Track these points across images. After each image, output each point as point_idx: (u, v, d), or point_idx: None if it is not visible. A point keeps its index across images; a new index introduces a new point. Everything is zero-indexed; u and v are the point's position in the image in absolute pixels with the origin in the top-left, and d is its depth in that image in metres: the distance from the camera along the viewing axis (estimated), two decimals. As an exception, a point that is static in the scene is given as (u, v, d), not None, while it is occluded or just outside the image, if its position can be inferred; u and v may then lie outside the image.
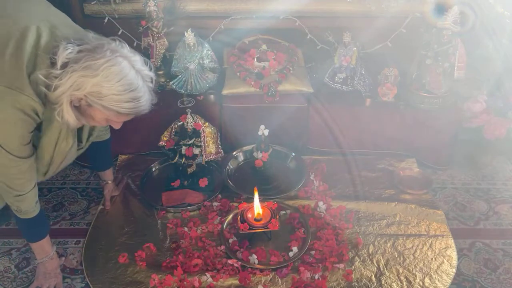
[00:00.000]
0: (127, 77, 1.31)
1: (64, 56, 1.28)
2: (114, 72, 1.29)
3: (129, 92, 1.32)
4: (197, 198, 2.07)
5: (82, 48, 1.31)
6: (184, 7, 2.41)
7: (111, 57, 1.30)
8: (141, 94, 1.35)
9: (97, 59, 1.28)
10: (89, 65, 1.27)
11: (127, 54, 1.36)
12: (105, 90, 1.29)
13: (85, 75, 1.27)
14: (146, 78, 1.39)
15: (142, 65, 1.39)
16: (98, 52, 1.30)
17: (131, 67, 1.34)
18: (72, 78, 1.27)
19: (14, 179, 1.48)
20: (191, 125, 2.09)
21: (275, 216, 1.85)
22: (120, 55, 1.33)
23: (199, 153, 2.13)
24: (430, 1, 2.31)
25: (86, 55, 1.28)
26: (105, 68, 1.27)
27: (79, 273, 1.79)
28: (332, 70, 2.37)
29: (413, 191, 2.12)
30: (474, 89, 2.33)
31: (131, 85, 1.32)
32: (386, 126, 2.29)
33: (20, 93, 1.30)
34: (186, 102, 2.31)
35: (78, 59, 1.28)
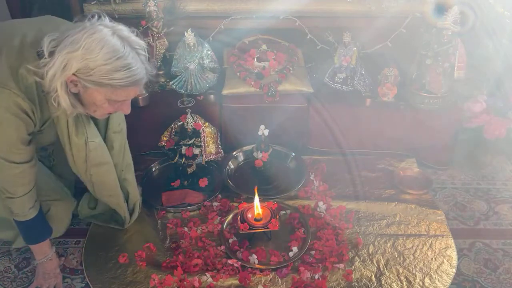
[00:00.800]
0: (110, 44, 1.26)
1: (49, 44, 1.26)
2: (95, 41, 1.24)
3: (116, 60, 1.27)
4: (197, 198, 2.07)
5: (65, 31, 1.28)
6: (184, 7, 2.41)
7: (90, 27, 1.26)
8: (130, 61, 1.29)
9: (77, 32, 1.25)
10: (71, 40, 1.24)
11: (108, 23, 1.30)
12: (91, 63, 1.25)
13: (69, 52, 1.24)
14: (135, 45, 1.32)
15: (128, 32, 1.33)
16: (79, 26, 1.27)
17: (113, 33, 1.28)
18: (59, 59, 1.24)
19: (4, 182, 1.47)
20: (191, 125, 2.09)
21: (275, 216, 1.85)
22: (100, 23, 1.28)
23: (199, 153, 2.13)
24: (430, 1, 2.31)
25: (69, 33, 1.26)
26: (85, 39, 1.23)
27: (79, 273, 1.79)
28: (332, 70, 2.37)
29: (413, 191, 2.12)
30: (474, 89, 2.33)
31: (116, 52, 1.26)
32: (386, 126, 2.29)
33: (1, 88, 1.29)
34: (186, 102, 2.31)
35: (62, 39, 1.26)
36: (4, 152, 1.39)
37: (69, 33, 1.27)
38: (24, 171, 1.46)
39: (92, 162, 1.62)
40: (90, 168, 1.63)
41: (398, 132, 2.30)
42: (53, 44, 1.27)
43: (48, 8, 2.65)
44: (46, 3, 2.65)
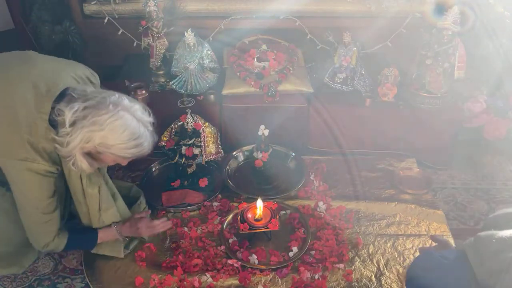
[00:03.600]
0: (130, 128, 1.43)
1: (71, 115, 1.38)
2: (118, 125, 1.41)
3: (133, 141, 1.44)
4: (197, 198, 2.07)
5: (87, 105, 1.40)
6: (184, 7, 2.41)
7: (114, 111, 1.40)
8: (143, 140, 1.48)
9: (102, 114, 1.39)
10: (95, 120, 1.38)
11: (127, 105, 1.45)
12: (112, 141, 1.42)
13: (93, 130, 1.39)
14: (147, 124, 1.50)
15: (142, 112, 1.50)
16: (102, 107, 1.40)
17: (133, 117, 1.45)
18: (81, 133, 1.38)
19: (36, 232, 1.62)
20: (191, 125, 2.09)
21: (275, 216, 1.85)
22: (121, 108, 1.43)
23: (199, 153, 2.13)
24: (430, 1, 2.31)
25: (92, 111, 1.39)
26: (110, 123, 1.39)
27: (79, 273, 1.79)
28: (332, 70, 2.36)
29: (413, 191, 2.12)
30: (474, 89, 2.33)
31: (134, 134, 1.44)
32: (386, 126, 2.29)
33: (30, 163, 1.45)
34: (186, 102, 2.31)
35: (85, 115, 1.38)
36: (36, 205, 1.54)
37: (91, 108, 1.39)
38: (51, 219, 1.60)
39: (103, 208, 1.71)
40: (102, 214, 1.72)
41: (398, 132, 2.30)
42: (75, 114, 1.38)
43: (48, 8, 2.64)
44: (46, 3, 2.65)
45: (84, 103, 1.40)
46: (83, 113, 1.38)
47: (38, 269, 1.81)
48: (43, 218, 1.57)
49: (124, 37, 2.53)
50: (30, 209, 1.55)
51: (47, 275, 1.79)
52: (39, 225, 1.58)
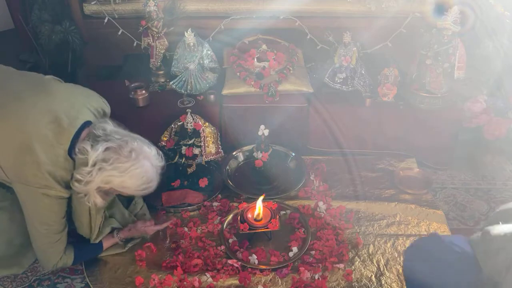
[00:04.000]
0: (147, 175, 1.54)
1: (95, 156, 1.46)
2: (138, 173, 1.51)
3: (146, 184, 1.55)
4: (197, 198, 2.07)
5: (108, 146, 1.48)
6: (184, 7, 2.41)
7: (136, 160, 1.50)
8: (154, 183, 1.58)
9: (124, 162, 1.48)
10: (117, 166, 1.47)
11: (147, 153, 1.55)
12: (128, 185, 1.52)
13: (113, 175, 1.48)
14: (159, 170, 1.60)
15: (157, 158, 1.59)
16: (124, 153, 1.49)
17: (151, 165, 1.55)
18: (101, 176, 1.47)
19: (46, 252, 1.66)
20: (191, 125, 2.09)
21: (275, 216, 1.85)
22: (143, 156, 1.52)
23: (199, 153, 2.13)
24: (430, 1, 2.31)
25: (113, 156, 1.47)
26: (131, 171, 1.49)
27: (79, 273, 1.79)
28: (332, 70, 2.36)
29: (413, 191, 2.12)
30: (474, 89, 2.33)
31: (148, 179, 1.55)
32: (386, 126, 2.29)
33: (49, 189, 1.50)
34: (186, 102, 2.31)
35: (106, 159, 1.47)
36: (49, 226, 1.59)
37: (113, 152, 1.48)
38: (61, 237, 1.65)
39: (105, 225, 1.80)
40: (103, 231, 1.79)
41: (398, 132, 2.30)
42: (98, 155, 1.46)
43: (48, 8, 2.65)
44: (46, 3, 2.65)
45: (106, 143, 1.48)
46: (104, 155, 1.46)
47: (38, 269, 1.81)
48: (54, 238, 1.61)
49: (124, 37, 2.53)
50: (42, 230, 1.59)
51: (47, 275, 1.79)
52: (51, 245, 1.63)
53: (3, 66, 1.66)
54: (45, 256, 1.66)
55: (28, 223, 1.59)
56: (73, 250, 1.69)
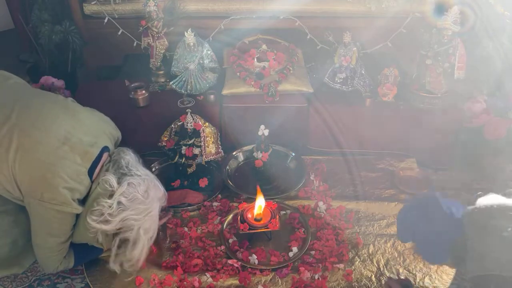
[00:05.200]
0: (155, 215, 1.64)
1: (121, 191, 1.54)
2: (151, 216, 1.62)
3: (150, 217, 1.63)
4: (197, 198, 2.07)
5: (130, 181, 1.56)
6: (184, 7, 2.41)
7: (148, 205, 1.59)
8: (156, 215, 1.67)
9: (140, 202, 1.57)
10: (135, 207, 1.56)
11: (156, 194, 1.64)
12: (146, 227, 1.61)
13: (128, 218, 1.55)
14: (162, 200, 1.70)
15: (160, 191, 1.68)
16: (141, 192, 1.57)
17: (158, 204, 1.65)
18: (120, 217, 1.54)
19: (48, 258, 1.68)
20: (191, 125, 2.09)
21: (275, 216, 1.85)
22: (154, 197, 1.62)
23: (199, 153, 2.13)
24: (430, 1, 2.31)
25: (132, 192, 1.56)
26: (143, 216, 1.58)
27: (79, 273, 1.79)
28: (332, 70, 2.36)
29: (413, 191, 2.12)
30: (474, 89, 2.33)
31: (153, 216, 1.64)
32: (386, 126, 2.29)
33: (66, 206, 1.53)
34: (186, 102, 2.31)
35: (127, 193, 1.55)
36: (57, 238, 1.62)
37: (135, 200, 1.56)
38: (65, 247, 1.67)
39: None
40: None
41: (398, 132, 2.30)
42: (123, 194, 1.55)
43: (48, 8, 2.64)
44: (46, 3, 2.65)
45: (129, 178, 1.56)
46: (126, 191, 1.54)
47: (38, 269, 1.81)
48: (58, 247, 1.63)
49: (124, 37, 2.53)
50: (50, 241, 1.61)
51: (47, 275, 1.79)
52: (53, 254, 1.64)
53: (27, 85, 1.74)
54: (47, 261, 1.67)
55: (35, 234, 1.61)
56: (73, 254, 1.70)
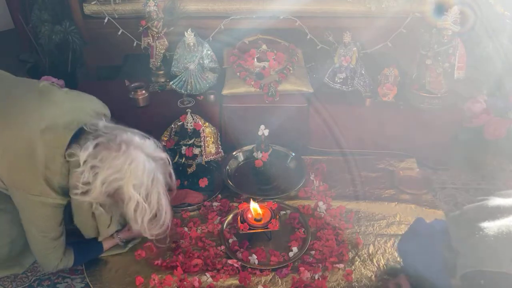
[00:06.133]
0: (147, 168, 1.43)
1: (85, 155, 1.40)
2: (136, 168, 1.41)
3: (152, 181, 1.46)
4: (197, 198, 2.07)
5: (98, 142, 1.41)
6: (184, 7, 2.41)
7: (126, 153, 1.41)
8: (161, 177, 1.49)
9: (115, 157, 1.40)
10: (110, 165, 1.39)
11: (138, 143, 1.45)
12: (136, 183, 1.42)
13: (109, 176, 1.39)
14: (161, 161, 1.50)
15: (154, 149, 1.49)
16: (114, 148, 1.41)
17: (146, 156, 1.45)
18: (98, 180, 1.39)
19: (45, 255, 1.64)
20: (191, 125, 2.09)
21: (275, 216, 1.85)
22: (134, 147, 1.43)
23: (199, 153, 2.13)
24: (430, 1, 2.31)
25: (104, 152, 1.40)
26: (127, 167, 1.40)
27: (79, 273, 1.79)
28: (332, 70, 2.36)
29: (413, 191, 2.12)
30: (474, 89, 2.33)
31: (150, 173, 1.44)
32: (386, 126, 2.29)
33: (46, 197, 1.48)
34: (186, 102, 2.31)
35: (97, 155, 1.40)
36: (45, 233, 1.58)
37: (103, 148, 1.41)
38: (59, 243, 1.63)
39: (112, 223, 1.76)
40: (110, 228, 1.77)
41: (398, 132, 2.30)
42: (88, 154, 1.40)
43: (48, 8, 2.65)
44: (46, 3, 2.65)
45: (96, 140, 1.42)
46: (94, 152, 1.40)
47: (38, 269, 1.81)
48: (52, 244, 1.61)
49: (124, 37, 2.53)
50: (40, 237, 1.58)
51: (47, 275, 1.79)
52: (48, 250, 1.62)
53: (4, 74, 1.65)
54: (45, 260, 1.66)
55: (26, 228, 1.59)
56: (72, 253, 1.69)
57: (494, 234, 1.22)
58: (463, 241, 1.29)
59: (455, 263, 1.29)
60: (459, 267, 1.27)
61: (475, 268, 1.23)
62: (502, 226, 1.23)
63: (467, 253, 1.27)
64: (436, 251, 1.43)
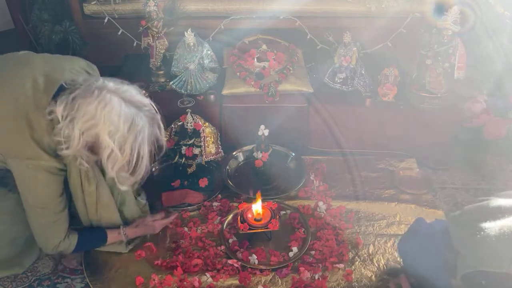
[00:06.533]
0: (123, 113, 1.37)
1: (62, 109, 1.36)
2: (108, 113, 1.35)
3: (133, 127, 1.39)
4: (197, 198, 2.07)
5: (75, 95, 1.37)
6: (184, 7, 2.41)
7: (99, 97, 1.36)
8: (141, 123, 1.42)
9: (89, 103, 1.35)
10: (85, 112, 1.34)
11: (112, 87, 1.40)
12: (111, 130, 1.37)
13: (86, 121, 1.35)
14: (139, 105, 1.44)
15: (135, 95, 1.45)
16: (88, 95, 1.36)
17: (121, 100, 1.39)
18: (76, 129, 1.35)
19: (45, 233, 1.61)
20: (191, 125, 2.09)
21: (275, 216, 1.85)
22: (107, 91, 1.38)
23: (199, 153, 2.13)
24: (430, 1, 2.31)
25: (79, 101, 1.36)
26: (101, 112, 1.34)
27: (79, 273, 1.79)
28: (332, 70, 2.37)
29: (413, 191, 2.12)
30: (474, 89, 2.33)
31: (128, 119, 1.38)
32: (386, 126, 2.29)
33: (38, 160, 1.44)
34: (186, 102, 2.31)
35: (73, 106, 1.36)
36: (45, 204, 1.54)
37: (79, 98, 1.36)
38: (60, 218, 1.59)
39: (101, 203, 1.69)
40: (99, 209, 1.70)
41: (398, 132, 2.30)
42: (64, 108, 1.36)
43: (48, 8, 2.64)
44: (46, 3, 2.65)
45: (73, 93, 1.37)
46: (72, 105, 1.36)
47: (38, 269, 1.81)
48: (52, 218, 1.56)
49: (124, 37, 2.53)
50: (39, 209, 1.54)
51: (47, 275, 1.79)
52: (48, 225, 1.58)
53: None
54: (43, 238, 1.61)
55: (24, 202, 1.55)
56: (77, 236, 1.65)
57: (495, 234, 1.22)
58: (464, 241, 1.29)
59: (456, 263, 1.29)
60: (459, 268, 1.27)
61: (476, 269, 1.23)
62: (504, 227, 1.23)
63: (468, 253, 1.27)
64: (436, 251, 1.43)
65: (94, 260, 1.80)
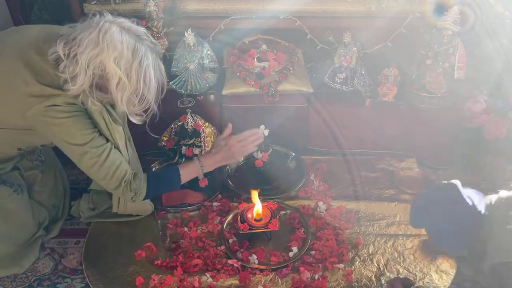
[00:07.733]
0: (124, 40, 1.40)
1: (62, 47, 1.38)
2: (110, 40, 1.38)
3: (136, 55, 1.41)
4: (197, 198, 2.07)
5: (75, 35, 1.41)
6: (184, 7, 2.41)
7: (98, 27, 1.39)
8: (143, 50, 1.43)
9: (89, 34, 1.38)
10: (87, 43, 1.36)
11: (109, 18, 1.45)
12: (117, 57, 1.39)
13: (89, 52, 1.36)
14: (138, 33, 1.46)
15: (133, 25, 1.47)
16: (87, 29, 1.40)
17: (120, 28, 1.42)
18: (80, 63, 1.36)
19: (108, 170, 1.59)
20: (191, 125, 2.09)
21: (275, 216, 1.85)
22: (105, 21, 1.42)
23: (199, 153, 2.13)
24: (430, 1, 2.31)
25: (80, 35, 1.39)
26: (103, 38, 1.37)
27: (79, 273, 1.79)
28: (332, 70, 2.37)
29: (413, 191, 2.12)
30: (474, 89, 2.33)
31: (130, 46, 1.41)
32: (386, 126, 2.29)
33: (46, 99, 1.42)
34: (186, 102, 2.31)
35: (76, 42, 1.38)
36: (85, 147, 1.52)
37: (78, 34, 1.40)
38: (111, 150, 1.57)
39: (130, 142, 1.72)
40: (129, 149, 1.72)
41: (398, 132, 2.30)
42: (65, 46, 1.38)
43: (48, 8, 2.64)
44: (46, 3, 2.65)
45: (71, 35, 1.41)
46: (73, 42, 1.39)
47: (38, 269, 1.81)
48: (96, 152, 1.53)
49: (124, 37, 2.53)
50: (86, 155, 1.52)
51: (47, 275, 1.79)
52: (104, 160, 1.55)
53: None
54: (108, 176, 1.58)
55: (72, 158, 1.54)
56: (146, 177, 1.64)
57: None
58: (497, 228, 1.24)
59: (485, 251, 1.24)
60: (492, 255, 1.23)
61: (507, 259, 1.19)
62: None
63: (499, 243, 1.22)
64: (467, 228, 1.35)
65: (94, 260, 1.80)
